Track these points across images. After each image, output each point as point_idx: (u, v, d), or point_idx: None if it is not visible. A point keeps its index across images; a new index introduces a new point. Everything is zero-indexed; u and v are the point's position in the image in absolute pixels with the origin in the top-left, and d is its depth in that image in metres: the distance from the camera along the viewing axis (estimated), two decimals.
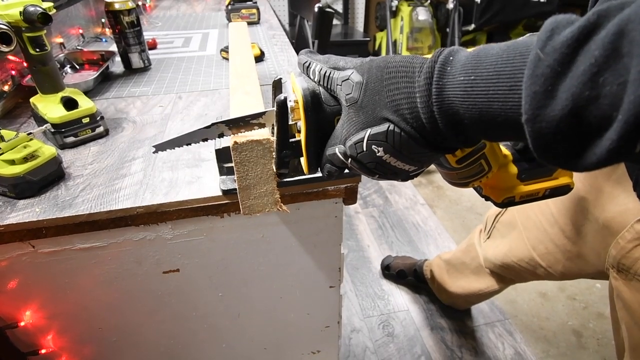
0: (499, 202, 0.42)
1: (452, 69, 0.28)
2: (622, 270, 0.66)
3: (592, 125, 0.21)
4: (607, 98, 0.20)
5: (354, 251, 1.76)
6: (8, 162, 0.53)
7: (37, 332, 0.61)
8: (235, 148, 0.43)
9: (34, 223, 0.49)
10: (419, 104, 0.29)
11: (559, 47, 0.22)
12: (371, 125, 0.32)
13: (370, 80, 0.32)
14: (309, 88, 0.35)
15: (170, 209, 0.53)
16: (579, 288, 1.57)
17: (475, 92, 0.26)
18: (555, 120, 0.22)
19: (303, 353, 0.80)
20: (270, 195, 0.48)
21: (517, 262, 0.96)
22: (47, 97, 0.66)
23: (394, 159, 0.32)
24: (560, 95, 0.22)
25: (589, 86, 0.21)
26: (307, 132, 0.36)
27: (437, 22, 2.63)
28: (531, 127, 0.24)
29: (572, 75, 0.21)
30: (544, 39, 0.23)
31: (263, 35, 1.31)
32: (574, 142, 0.23)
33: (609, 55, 0.20)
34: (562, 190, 0.44)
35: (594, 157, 0.22)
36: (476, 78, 0.26)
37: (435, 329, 1.43)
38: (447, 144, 0.31)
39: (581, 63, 0.21)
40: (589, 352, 1.35)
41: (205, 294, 0.64)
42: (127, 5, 0.91)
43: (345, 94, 0.34)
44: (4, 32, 0.54)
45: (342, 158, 0.35)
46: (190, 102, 0.81)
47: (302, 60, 0.39)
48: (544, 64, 0.22)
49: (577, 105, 0.21)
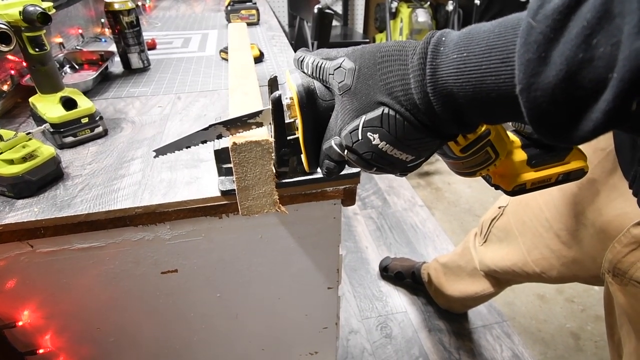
0: (510, 190, 0.41)
1: (444, 49, 0.28)
2: (618, 274, 0.66)
3: (588, 89, 0.21)
4: (601, 60, 0.20)
5: (353, 252, 1.76)
6: (7, 162, 0.53)
7: (35, 332, 0.61)
8: (234, 149, 0.43)
9: (32, 223, 0.49)
10: (412, 84, 0.29)
11: (551, 13, 0.22)
12: (366, 111, 0.31)
13: (363, 65, 0.32)
14: (303, 84, 0.35)
15: (169, 210, 0.53)
16: (577, 290, 1.57)
17: (469, 69, 0.26)
18: (550, 87, 0.22)
19: (301, 354, 0.80)
20: (269, 196, 0.49)
21: (512, 267, 0.96)
22: (46, 97, 0.66)
23: (390, 146, 0.31)
24: (554, 61, 0.22)
25: (583, 48, 0.21)
26: (305, 129, 0.35)
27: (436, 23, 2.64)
28: (526, 97, 0.23)
29: (565, 40, 0.21)
30: (535, 7, 0.23)
31: (262, 36, 1.31)
32: (570, 109, 0.22)
33: (601, 16, 0.20)
34: (576, 175, 0.42)
35: (591, 124, 0.22)
36: (469, 55, 0.26)
37: (433, 330, 1.43)
38: (445, 128, 0.30)
39: (573, 27, 0.21)
40: (586, 355, 1.35)
41: (203, 295, 0.64)
42: (127, 5, 0.91)
43: (337, 82, 0.33)
44: (4, 31, 0.54)
45: (338, 150, 0.34)
46: (189, 102, 0.81)
47: (297, 56, 0.38)
48: (536, 31, 0.22)
49: (572, 70, 0.21)
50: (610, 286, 0.69)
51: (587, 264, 0.76)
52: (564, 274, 0.83)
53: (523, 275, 0.93)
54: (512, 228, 0.95)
